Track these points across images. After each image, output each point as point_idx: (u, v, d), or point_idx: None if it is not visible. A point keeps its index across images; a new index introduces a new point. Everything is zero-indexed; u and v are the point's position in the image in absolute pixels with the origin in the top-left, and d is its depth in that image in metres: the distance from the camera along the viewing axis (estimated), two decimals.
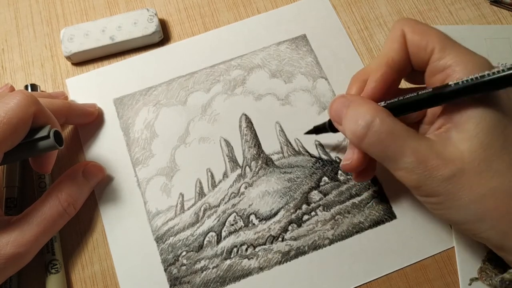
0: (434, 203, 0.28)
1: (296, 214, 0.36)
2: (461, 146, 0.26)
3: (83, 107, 0.38)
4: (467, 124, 0.26)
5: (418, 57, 0.29)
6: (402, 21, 0.30)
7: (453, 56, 0.27)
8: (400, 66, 0.30)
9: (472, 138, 0.26)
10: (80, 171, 0.34)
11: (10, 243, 0.29)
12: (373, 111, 0.27)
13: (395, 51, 0.29)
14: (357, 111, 0.28)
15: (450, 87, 0.26)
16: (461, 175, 0.26)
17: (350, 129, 0.28)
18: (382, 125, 0.27)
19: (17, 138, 0.29)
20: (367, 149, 0.28)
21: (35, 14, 0.43)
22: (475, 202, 0.26)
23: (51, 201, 0.32)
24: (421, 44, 0.29)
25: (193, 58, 0.41)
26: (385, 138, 0.27)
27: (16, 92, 0.29)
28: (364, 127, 0.27)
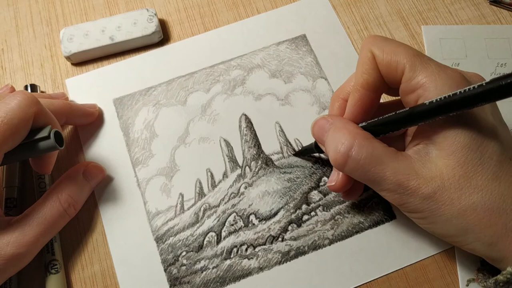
0: (418, 218, 0.29)
1: (296, 214, 0.36)
2: (439, 163, 0.27)
3: (84, 108, 0.38)
4: (443, 143, 0.26)
5: (390, 76, 0.29)
6: (370, 41, 0.30)
7: (423, 75, 0.27)
8: (375, 87, 0.30)
9: (449, 156, 0.26)
10: (81, 171, 0.34)
11: (10, 244, 0.29)
12: (351, 137, 0.28)
13: (367, 73, 0.29)
14: (336, 137, 0.29)
15: (425, 106, 0.26)
16: (441, 192, 0.26)
17: (331, 156, 0.29)
18: (360, 151, 0.27)
19: (17, 138, 0.29)
20: (350, 174, 0.29)
21: (35, 14, 0.43)
22: (457, 217, 0.26)
23: (52, 202, 0.32)
24: (391, 64, 0.28)
25: (192, 58, 0.41)
26: (364, 163, 0.27)
27: (16, 92, 0.29)
28: (344, 155, 0.28)
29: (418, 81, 0.27)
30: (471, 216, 0.26)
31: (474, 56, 0.41)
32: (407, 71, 0.28)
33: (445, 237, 0.28)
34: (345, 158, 0.28)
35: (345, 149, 0.28)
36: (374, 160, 0.27)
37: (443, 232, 0.28)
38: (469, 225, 0.26)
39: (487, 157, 0.26)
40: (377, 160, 0.27)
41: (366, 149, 0.27)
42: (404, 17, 0.43)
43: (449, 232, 0.28)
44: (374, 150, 0.27)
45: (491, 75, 0.40)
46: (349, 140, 0.28)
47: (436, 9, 0.43)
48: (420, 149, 0.28)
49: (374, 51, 0.29)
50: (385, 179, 0.27)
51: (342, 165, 0.28)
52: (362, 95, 0.30)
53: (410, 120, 0.27)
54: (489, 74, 0.40)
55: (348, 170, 0.28)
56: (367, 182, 0.29)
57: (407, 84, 0.28)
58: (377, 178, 0.27)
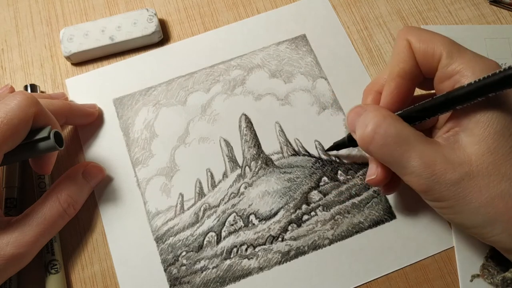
0: (443, 207, 0.28)
1: (296, 214, 0.36)
2: (469, 150, 0.26)
3: (84, 108, 0.38)
4: (475, 129, 0.26)
5: (427, 65, 0.29)
6: (406, 30, 0.30)
7: (460, 61, 0.27)
8: (411, 76, 0.30)
9: (480, 142, 0.26)
10: (80, 171, 0.34)
11: (10, 244, 0.29)
12: (381, 116, 0.28)
13: (404, 62, 0.29)
14: (367, 117, 0.29)
15: (460, 90, 0.26)
16: (469, 178, 0.26)
17: (359, 134, 0.29)
18: (389, 129, 0.27)
19: (17, 139, 0.29)
20: (375, 152, 0.28)
21: (35, 14, 0.43)
22: (485, 205, 0.26)
23: (51, 202, 0.32)
24: (428, 52, 0.28)
25: (192, 58, 0.41)
26: (391, 141, 0.27)
27: (16, 93, 0.29)
28: (371, 130, 0.28)
29: (455, 67, 0.27)
30: (499, 204, 0.25)
31: None
32: (444, 58, 0.28)
33: (470, 228, 0.27)
34: (372, 134, 0.27)
35: (373, 126, 0.28)
36: (401, 139, 0.27)
37: (468, 223, 0.27)
38: (497, 214, 0.25)
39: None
40: (404, 140, 0.27)
41: (394, 128, 0.27)
42: (404, 17, 0.43)
43: (475, 222, 0.26)
44: (403, 130, 0.27)
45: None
46: (379, 117, 0.28)
47: (436, 9, 0.43)
48: (450, 137, 0.27)
49: (411, 39, 0.29)
50: (410, 161, 0.26)
51: (368, 142, 0.28)
52: (398, 84, 0.29)
53: (448, 104, 0.27)
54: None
55: (373, 148, 0.28)
56: (392, 163, 0.28)
57: (444, 71, 0.28)
58: (403, 160, 0.27)
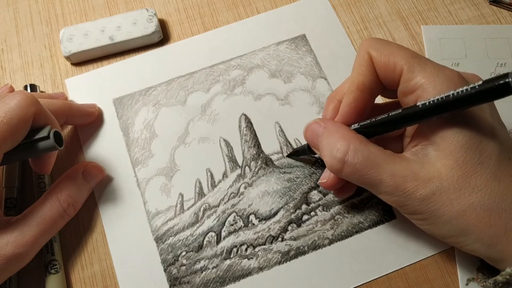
0: (418, 219, 0.28)
1: (296, 214, 0.36)
2: (437, 164, 0.26)
3: (83, 108, 0.38)
4: (441, 143, 0.26)
5: (388, 78, 0.29)
6: (368, 43, 0.30)
7: (422, 76, 0.27)
8: (370, 89, 0.30)
9: (448, 156, 0.26)
10: (80, 171, 0.34)
11: (10, 244, 0.29)
12: (345, 142, 0.28)
13: (363, 75, 0.29)
14: (330, 141, 0.29)
15: (418, 108, 0.26)
16: (440, 193, 0.26)
17: (327, 162, 0.29)
18: (356, 156, 0.27)
19: (17, 138, 0.29)
20: (347, 178, 0.29)
21: (35, 14, 0.43)
22: (456, 218, 0.26)
23: (51, 202, 0.32)
24: (388, 66, 0.28)
25: (192, 58, 0.41)
26: (361, 168, 0.27)
27: (16, 92, 0.29)
28: (340, 160, 0.28)
29: (416, 82, 0.27)
30: (470, 216, 0.26)
31: (474, 56, 0.41)
32: (405, 72, 0.28)
33: (445, 238, 0.28)
34: (342, 163, 0.28)
35: (340, 155, 0.28)
36: (370, 163, 0.27)
37: (443, 233, 0.28)
38: (469, 225, 0.26)
39: (485, 156, 0.26)
40: (373, 164, 0.27)
41: (361, 153, 0.27)
42: (404, 17, 0.43)
43: (449, 233, 0.27)
44: (370, 153, 0.28)
45: (491, 75, 0.40)
46: (344, 145, 0.28)
47: (436, 9, 0.43)
48: (418, 150, 0.28)
49: (372, 53, 0.29)
50: (382, 182, 0.27)
51: (339, 170, 0.28)
52: (356, 96, 0.30)
53: (402, 121, 0.28)
54: (489, 74, 0.40)
55: (345, 175, 0.29)
56: (365, 185, 0.29)
57: (406, 85, 0.28)
58: (374, 182, 0.27)
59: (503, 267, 0.27)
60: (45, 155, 0.32)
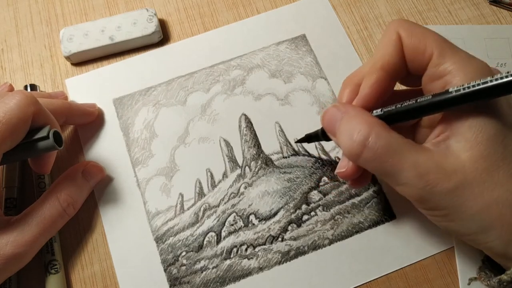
0: (438, 215, 0.27)
1: (296, 214, 0.36)
2: (462, 156, 0.25)
3: (83, 107, 0.38)
4: (467, 134, 0.25)
5: (416, 61, 0.28)
6: (398, 23, 0.29)
7: (452, 61, 0.26)
8: (395, 70, 0.28)
9: (473, 148, 0.25)
10: (80, 171, 0.34)
11: (9, 244, 0.29)
12: (367, 126, 0.26)
13: (390, 55, 0.28)
14: (350, 125, 0.27)
15: (451, 94, 0.25)
16: (464, 187, 0.25)
17: (345, 146, 0.27)
18: (378, 141, 0.26)
19: (16, 138, 0.29)
20: (365, 165, 0.28)
21: (35, 14, 0.43)
22: (479, 213, 0.25)
23: (51, 202, 0.32)
24: (419, 48, 0.27)
25: (192, 58, 0.41)
26: (382, 154, 0.26)
27: (15, 92, 0.29)
28: (360, 144, 0.26)
29: (446, 67, 0.26)
30: (494, 211, 0.25)
31: (474, 56, 0.40)
32: (435, 56, 0.27)
33: (465, 235, 0.27)
34: (361, 147, 0.26)
35: (361, 138, 0.26)
36: (392, 151, 0.26)
37: (463, 230, 0.26)
38: (492, 221, 0.25)
39: (509, 151, 0.25)
40: (395, 151, 0.26)
41: (384, 139, 0.26)
42: (404, 17, 0.43)
43: (470, 230, 0.26)
44: (392, 140, 0.26)
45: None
46: (366, 128, 0.26)
47: (436, 9, 0.43)
48: (440, 142, 0.26)
49: (402, 33, 0.28)
50: (403, 171, 0.26)
51: (357, 155, 0.27)
52: (379, 77, 0.28)
53: (433, 108, 0.26)
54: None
55: (363, 161, 0.27)
56: (384, 174, 0.27)
57: (435, 70, 0.27)
58: (394, 171, 0.26)
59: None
60: (45, 155, 0.32)
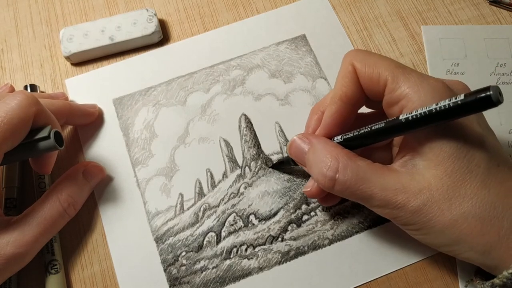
0: (411, 229, 0.29)
1: (296, 214, 0.36)
2: (427, 174, 0.27)
3: (84, 108, 0.38)
4: (429, 154, 0.26)
5: (372, 89, 0.29)
6: (351, 54, 0.30)
7: (406, 86, 0.27)
8: (353, 100, 0.30)
9: (437, 166, 0.26)
10: (80, 171, 0.34)
11: (10, 244, 0.29)
12: (334, 159, 0.28)
13: (347, 86, 0.29)
14: (317, 159, 0.29)
15: (401, 121, 0.26)
16: (431, 204, 0.26)
17: (317, 180, 0.29)
18: (346, 173, 0.28)
19: (17, 138, 0.29)
20: (339, 195, 0.29)
21: (35, 14, 0.43)
22: (448, 227, 0.26)
23: (51, 202, 0.32)
24: (372, 77, 0.28)
25: (192, 58, 0.41)
26: (352, 184, 0.28)
27: (16, 92, 0.29)
28: (330, 179, 0.28)
29: (401, 92, 0.27)
30: (462, 225, 0.26)
31: (474, 56, 0.41)
32: (389, 82, 0.28)
33: (439, 247, 0.28)
34: (332, 182, 0.28)
35: (331, 173, 0.28)
36: (360, 179, 0.27)
37: (436, 243, 0.28)
38: (462, 234, 0.26)
39: (474, 165, 0.26)
40: (363, 179, 0.27)
41: (350, 170, 0.28)
42: (404, 17, 0.43)
43: (442, 242, 0.28)
44: (359, 169, 0.28)
45: (491, 75, 0.40)
46: (333, 162, 0.28)
47: (436, 9, 0.43)
48: (407, 161, 0.28)
49: (356, 64, 0.29)
50: (373, 196, 0.27)
51: (330, 188, 0.29)
52: (339, 107, 0.30)
53: (385, 134, 0.28)
54: (489, 74, 0.40)
55: (336, 192, 0.29)
56: (357, 200, 0.29)
57: (390, 96, 0.28)
58: (365, 196, 0.28)
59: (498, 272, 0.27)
60: (46, 155, 0.32)
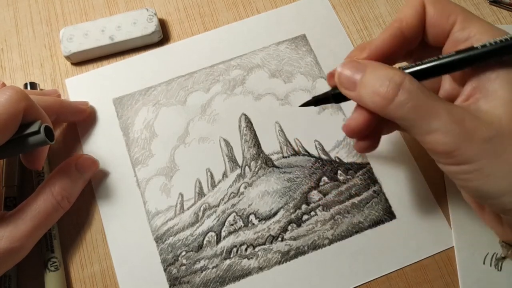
0: (468, 172, 0.25)
1: (296, 214, 0.36)
2: (496, 112, 0.24)
3: (75, 104, 0.37)
4: (499, 91, 0.25)
5: (438, 28, 0.27)
6: None
7: (477, 27, 0.26)
8: (411, 33, 0.27)
9: (507, 103, 0.24)
10: (73, 164, 0.34)
11: (4, 238, 0.29)
12: (400, 72, 0.25)
13: (411, 16, 0.27)
14: (380, 74, 0.26)
15: (477, 50, 0.25)
16: (502, 137, 0.24)
17: (375, 91, 0.25)
18: (414, 83, 0.25)
19: (7, 133, 0.28)
20: (395, 111, 0.25)
21: (35, 14, 0.43)
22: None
23: (45, 195, 0.32)
24: (443, 14, 0.27)
25: (192, 58, 0.41)
26: (418, 96, 0.24)
27: (6, 87, 0.29)
28: (395, 86, 0.25)
29: (470, 31, 0.26)
30: None
31: None
32: (460, 21, 0.26)
33: (493, 198, 0.25)
34: (396, 90, 0.25)
35: (397, 80, 0.25)
36: (427, 95, 0.25)
37: (493, 190, 0.24)
38: None
39: None
40: (431, 96, 0.25)
41: (417, 84, 0.25)
42: None
43: (501, 190, 0.24)
44: (425, 89, 0.25)
45: None
46: (399, 73, 0.25)
47: None
48: (471, 104, 0.26)
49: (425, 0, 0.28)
50: (438, 116, 0.24)
51: (389, 98, 0.25)
52: (393, 33, 0.27)
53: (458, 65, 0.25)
54: None
55: (395, 105, 0.25)
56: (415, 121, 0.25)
57: (458, 35, 0.26)
58: (430, 115, 0.24)
59: None
60: (36, 150, 0.32)
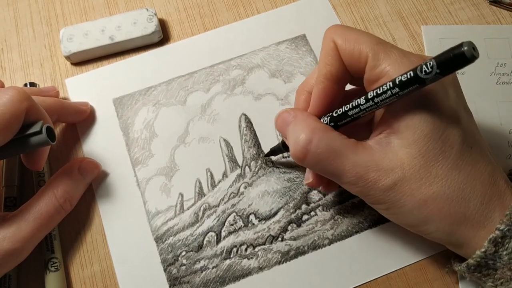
0: (381, 209, 0.29)
1: (296, 214, 0.36)
2: (400, 153, 0.26)
3: (75, 105, 0.37)
4: (405, 132, 0.26)
5: (354, 66, 0.29)
6: (332, 30, 0.29)
7: (387, 63, 0.27)
8: (338, 78, 0.29)
9: (411, 145, 0.26)
10: (76, 167, 0.34)
11: (6, 239, 0.29)
12: (310, 131, 0.28)
13: (330, 64, 0.29)
14: (296, 129, 0.29)
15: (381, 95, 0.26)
16: (402, 183, 0.26)
17: (291, 150, 0.29)
18: (319, 145, 0.27)
19: (9, 133, 0.28)
20: (310, 167, 0.29)
21: (35, 14, 0.43)
22: (418, 208, 0.26)
23: (47, 197, 0.32)
24: (353, 53, 0.28)
25: (192, 58, 0.41)
26: (323, 157, 0.27)
27: (8, 88, 0.29)
28: (303, 148, 0.28)
29: (381, 69, 0.27)
30: (431, 206, 0.26)
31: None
32: (370, 59, 0.27)
33: (408, 226, 0.29)
34: (304, 152, 0.28)
35: (303, 143, 0.28)
36: (332, 153, 0.27)
37: (405, 222, 0.28)
38: (430, 215, 0.26)
39: (448, 146, 0.26)
40: (335, 153, 0.27)
41: (325, 142, 0.27)
42: (404, 17, 0.43)
43: (411, 222, 0.28)
44: (333, 142, 0.27)
45: (491, 75, 0.40)
46: (308, 133, 0.28)
47: (436, 9, 0.43)
48: (382, 139, 0.28)
49: (337, 40, 0.29)
50: (345, 172, 0.27)
51: (301, 159, 0.28)
52: (325, 86, 0.29)
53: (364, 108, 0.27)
54: (489, 74, 0.40)
55: (308, 164, 0.28)
56: (328, 175, 0.29)
57: (371, 73, 0.28)
58: (337, 172, 0.27)
59: (464, 252, 0.28)
60: (38, 150, 0.32)
